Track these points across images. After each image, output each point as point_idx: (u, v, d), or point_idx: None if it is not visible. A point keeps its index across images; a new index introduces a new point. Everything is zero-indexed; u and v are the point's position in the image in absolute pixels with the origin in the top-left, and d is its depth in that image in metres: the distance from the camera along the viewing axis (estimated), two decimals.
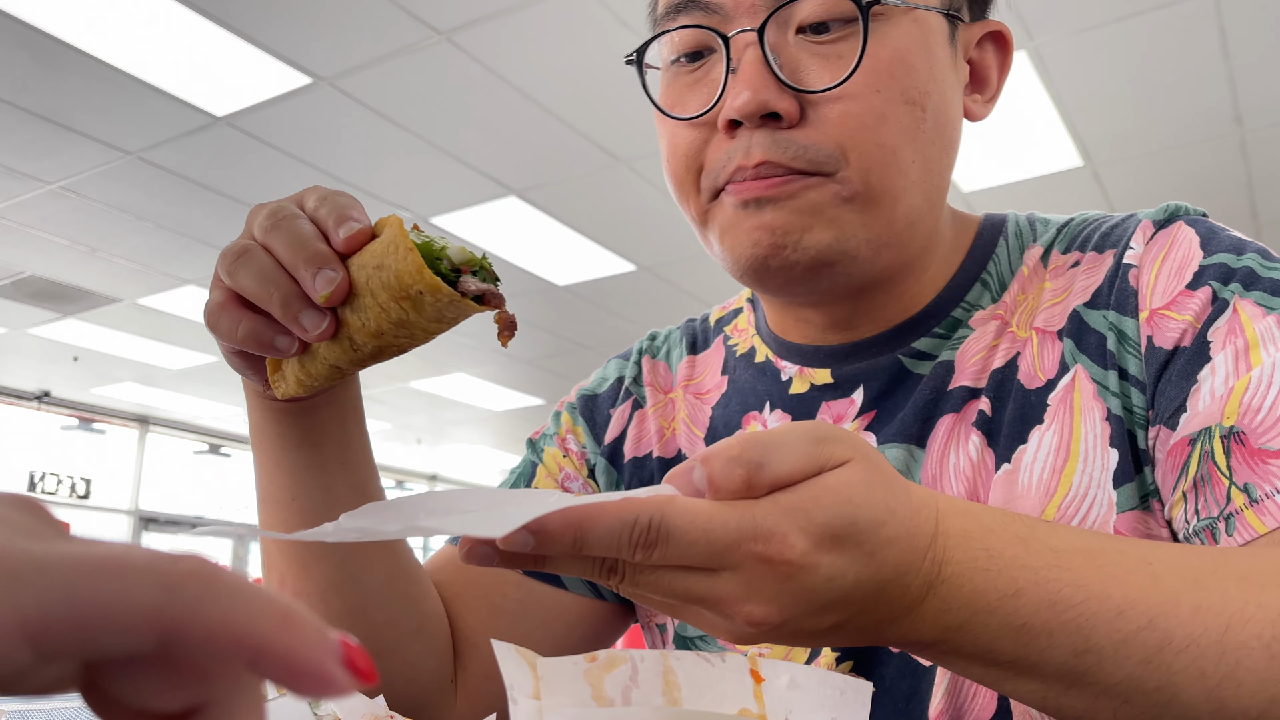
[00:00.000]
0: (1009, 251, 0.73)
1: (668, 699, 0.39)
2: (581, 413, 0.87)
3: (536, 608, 0.76)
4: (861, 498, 0.40)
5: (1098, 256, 0.69)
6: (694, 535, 0.38)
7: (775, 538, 0.38)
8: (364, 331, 0.50)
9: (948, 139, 0.68)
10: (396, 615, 0.68)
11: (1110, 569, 0.45)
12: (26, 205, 4.87)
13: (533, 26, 3.33)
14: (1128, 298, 0.65)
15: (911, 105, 0.64)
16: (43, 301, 6.28)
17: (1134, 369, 0.63)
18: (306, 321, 0.50)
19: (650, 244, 5.17)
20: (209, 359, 7.56)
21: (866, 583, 0.41)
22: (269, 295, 0.50)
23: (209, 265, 5.62)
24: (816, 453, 0.41)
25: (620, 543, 0.38)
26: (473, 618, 0.75)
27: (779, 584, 0.39)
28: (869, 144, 0.63)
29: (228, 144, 4.22)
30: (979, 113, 0.72)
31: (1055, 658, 0.44)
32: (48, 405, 8.91)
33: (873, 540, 0.41)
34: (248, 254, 0.51)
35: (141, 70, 3.65)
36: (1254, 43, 3.38)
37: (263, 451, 0.64)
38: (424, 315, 0.50)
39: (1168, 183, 4.41)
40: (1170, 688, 0.44)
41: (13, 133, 4.12)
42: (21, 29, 3.40)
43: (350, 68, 3.62)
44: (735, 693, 0.39)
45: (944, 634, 0.44)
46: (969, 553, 0.44)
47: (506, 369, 7.69)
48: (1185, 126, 3.93)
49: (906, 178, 0.65)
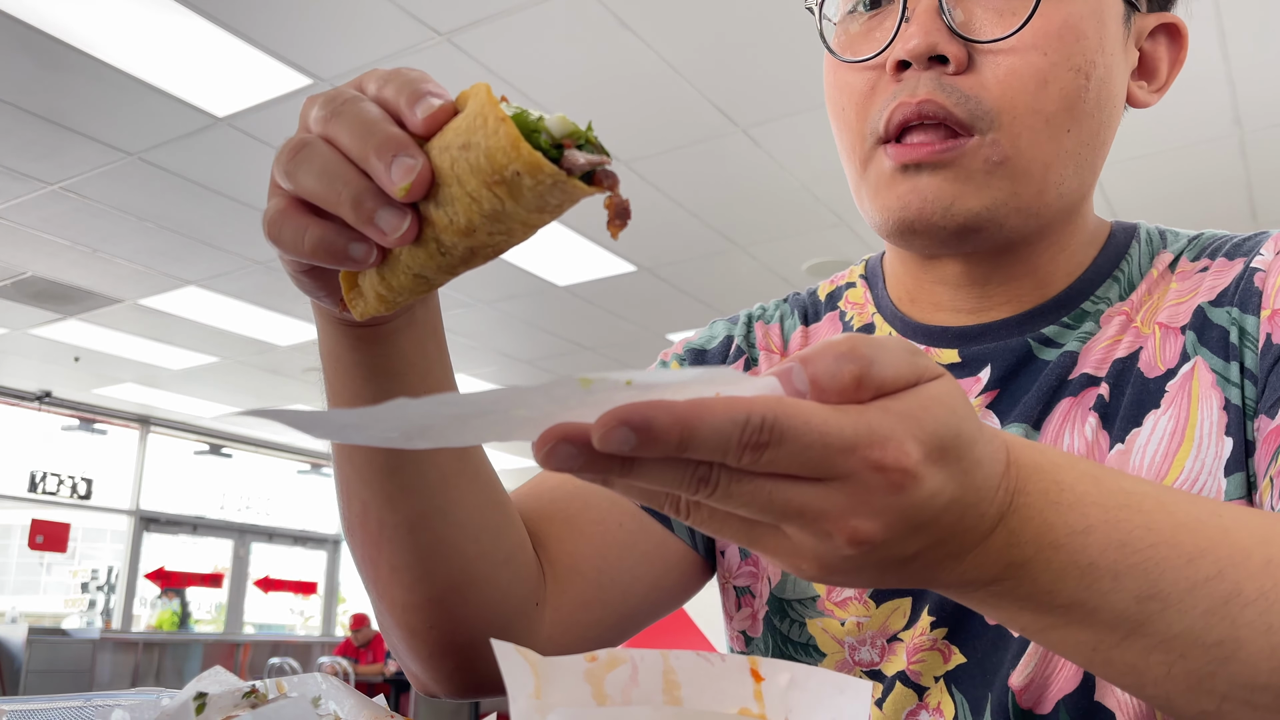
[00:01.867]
0: (1140, 254, 0.75)
1: (668, 699, 0.39)
2: (690, 365, 0.85)
3: (646, 542, 0.76)
4: (963, 411, 0.38)
5: (1227, 263, 0.70)
6: (810, 438, 0.34)
7: (892, 444, 0.35)
8: (452, 229, 0.42)
9: (1107, 116, 0.68)
10: (487, 548, 0.66)
11: (1182, 516, 0.44)
12: (27, 206, 4.87)
13: (533, 27, 3.33)
14: (1251, 296, 0.66)
15: (1076, 73, 0.65)
16: (44, 302, 6.28)
17: (1250, 363, 0.64)
18: (384, 222, 0.42)
19: (650, 244, 5.17)
20: (209, 359, 7.56)
21: (956, 504, 0.38)
22: (337, 195, 0.43)
23: (210, 265, 5.63)
24: (915, 362, 0.38)
25: (729, 443, 0.34)
26: (585, 544, 0.74)
27: (889, 496, 0.36)
28: (1027, 106, 0.65)
29: (228, 144, 4.22)
30: (1144, 100, 0.73)
31: (1117, 602, 0.42)
32: (49, 405, 8.92)
33: (969, 457, 0.38)
34: (307, 149, 0.44)
35: (142, 71, 3.66)
36: (1254, 43, 3.38)
37: (337, 381, 0.58)
38: (522, 203, 0.41)
39: (1167, 183, 4.42)
40: (1233, 642, 0.42)
41: (13, 133, 4.13)
42: (22, 30, 3.41)
43: (350, 69, 3.62)
44: (735, 693, 0.39)
45: (1006, 571, 0.42)
46: (1041, 484, 0.42)
47: (506, 369, 7.69)
48: (1185, 127, 3.93)
49: (1060, 146, 0.66)
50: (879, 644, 0.70)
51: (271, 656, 9.54)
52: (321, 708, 0.53)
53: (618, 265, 5.46)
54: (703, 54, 3.45)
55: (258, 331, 6.86)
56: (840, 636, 0.71)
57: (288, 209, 0.45)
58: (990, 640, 0.67)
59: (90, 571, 9.74)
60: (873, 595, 0.70)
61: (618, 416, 0.32)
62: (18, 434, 8.89)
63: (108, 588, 9.61)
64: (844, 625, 0.71)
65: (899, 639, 0.70)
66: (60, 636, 8.32)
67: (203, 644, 9.57)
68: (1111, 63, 0.68)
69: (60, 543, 8.80)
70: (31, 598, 9.89)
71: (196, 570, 10.03)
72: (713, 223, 4.90)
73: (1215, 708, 0.43)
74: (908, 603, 0.70)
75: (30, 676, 7.80)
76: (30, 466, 8.96)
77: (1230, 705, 0.43)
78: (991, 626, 0.67)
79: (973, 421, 0.39)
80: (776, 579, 0.75)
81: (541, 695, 0.36)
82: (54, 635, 8.29)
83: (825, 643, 0.72)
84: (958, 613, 0.68)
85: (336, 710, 0.52)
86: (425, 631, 0.66)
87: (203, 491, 10.38)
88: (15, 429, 8.88)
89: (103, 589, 9.62)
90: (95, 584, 9.66)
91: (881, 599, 0.70)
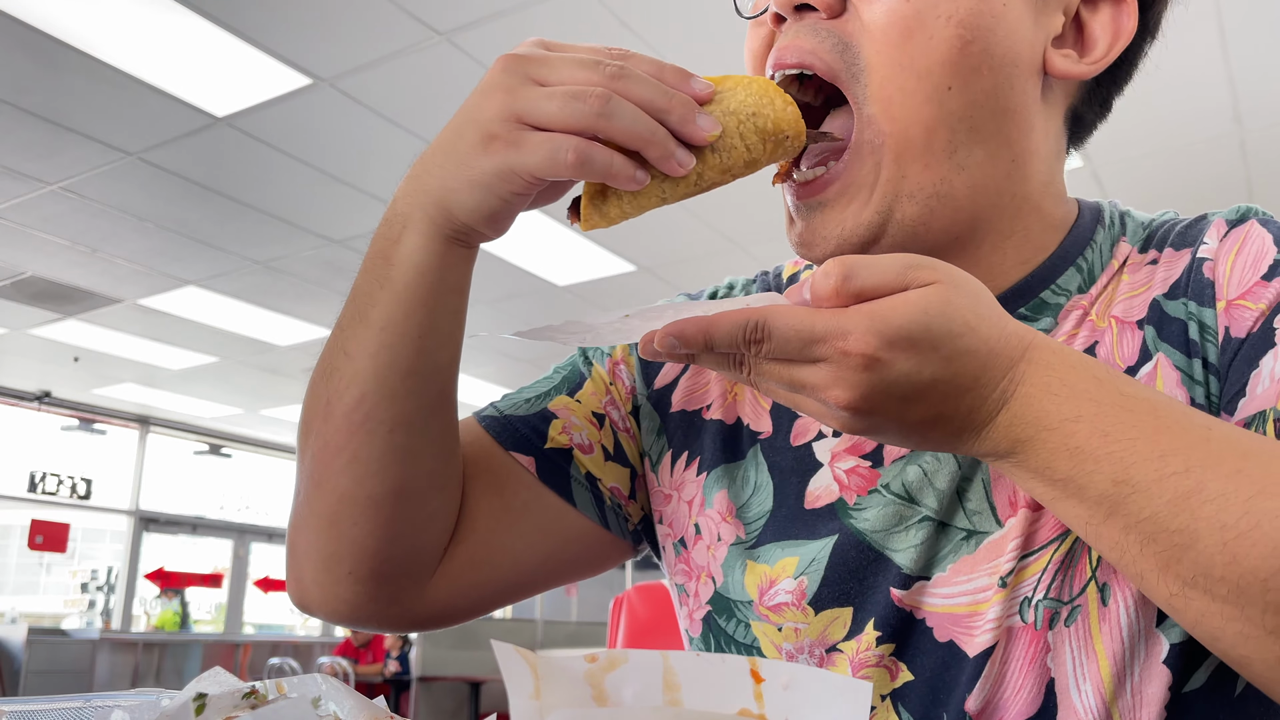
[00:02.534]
0: (1102, 242, 0.71)
1: (668, 699, 0.39)
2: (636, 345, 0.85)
3: (542, 514, 0.76)
4: (936, 310, 0.48)
5: (1174, 254, 0.68)
6: (789, 333, 0.48)
7: (853, 336, 0.47)
8: (718, 169, 0.58)
9: (1004, 79, 0.63)
10: (440, 466, 0.69)
11: (1168, 421, 0.49)
12: (27, 206, 4.88)
13: (533, 27, 3.34)
14: (1204, 288, 0.64)
15: (948, 22, 0.61)
16: (43, 302, 6.28)
17: (1213, 357, 0.63)
18: (681, 158, 0.56)
19: (650, 244, 5.17)
20: (209, 359, 7.57)
21: (943, 384, 0.49)
22: (649, 136, 0.55)
23: (210, 265, 5.63)
24: (905, 273, 0.49)
25: (736, 340, 0.49)
26: (483, 503, 0.75)
27: (858, 373, 0.48)
28: (893, 60, 0.61)
29: (228, 144, 4.22)
30: (1071, 70, 0.66)
31: (1098, 482, 0.48)
32: (48, 406, 8.92)
33: (948, 347, 0.48)
34: (615, 103, 0.55)
35: (142, 71, 3.66)
36: (1254, 43, 3.38)
37: (412, 294, 0.63)
38: (769, 158, 0.59)
39: (1168, 183, 4.42)
40: (1191, 532, 0.46)
41: (13, 133, 4.13)
42: (22, 29, 3.41)
43: (350, 68, 3.62)
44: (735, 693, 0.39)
45: (1015, 446, 0.51)
46: (1044, 379, 0.50)
47: (506, 369, 7.69)
48: (1185, 126, 3.93)
49: (941, 107, 0.62)
50: (818, 653, 0.68)
51: (271, 657, 9.54)
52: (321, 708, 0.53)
53: (618, 265, 5.47)
54: (703, 54, 3.45)
55: (257, 331, 6.86)
56: (779, 642, 0.70)
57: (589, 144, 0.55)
58: (940, 659, 0.64)
59: (90, 572, 9.75)
60: (811, 603, 0.68)
61: (666, 330, 0.50)
62: (17, 434, 8.90)
63: (107, 588, 9.62)
64: (781, 631, 0.69)
65: (839, 650, 0.67)
66: (60, 637, 8.32)
67: (202, 644, 9.57)
68: (1009, 20, 0.63)
69: (60, 543, 8.80)
70: (31, 598, 9.90)
71: (196, 570, 10.04)
72: (713, 223, 4.91)
73: (1180, 591, 0.48)
74: (848, 613, 0.67)
75: (30, 677, 7.79)
76: (30, 466, 8.97)
77: (1193, 593, 0.47)
78: (941, 645, 0.65)
79: (956, 320, 0.48)
80: (720, 579, 0.73)
81: (541, 695, 0.36)
82: (54, 635, 8.29)
83: (766, 647, 0.70)
84: (905, 629, 0.66)
85: (336, 711, 0.52)
86: (347, 528, 0.67)
87: (202, 491, 10.38)
88: (15, 429, 8.89)
89: (102, 589, 9.63)
90: (95, 584, 9.67)
91: (820, 607, 0.68)
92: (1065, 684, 0.61)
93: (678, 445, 0.79)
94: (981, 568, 0.63)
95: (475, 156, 0.57)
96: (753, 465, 0.75)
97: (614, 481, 0.79)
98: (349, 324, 0.65)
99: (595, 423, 0.79)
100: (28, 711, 0.64)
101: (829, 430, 0.72)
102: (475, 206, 0.59)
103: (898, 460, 0.68)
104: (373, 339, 0.64)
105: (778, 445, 0.74)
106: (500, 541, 0.75)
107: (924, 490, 0.66)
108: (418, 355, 0.64)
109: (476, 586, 0.75)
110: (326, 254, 5.46)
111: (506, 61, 0.58)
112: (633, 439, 0.81)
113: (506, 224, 0.62)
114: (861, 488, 0.69)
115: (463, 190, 0.59)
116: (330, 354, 0.67)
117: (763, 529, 0.72)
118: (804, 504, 0.71)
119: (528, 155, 0.56)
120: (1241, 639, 0.46)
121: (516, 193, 0.58)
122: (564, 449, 0.77)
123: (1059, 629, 0.61)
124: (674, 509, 0.78)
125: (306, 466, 0.68)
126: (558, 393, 0.80)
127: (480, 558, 0.74)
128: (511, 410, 0.79)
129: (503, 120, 0.56)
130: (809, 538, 0.69)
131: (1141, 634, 0.60)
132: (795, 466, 0.72)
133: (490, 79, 0.58)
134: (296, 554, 0.71)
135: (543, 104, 0.55)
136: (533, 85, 0.56)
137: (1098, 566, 0.61)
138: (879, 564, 0.67)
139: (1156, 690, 0.60)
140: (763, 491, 0.73)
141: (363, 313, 0.64)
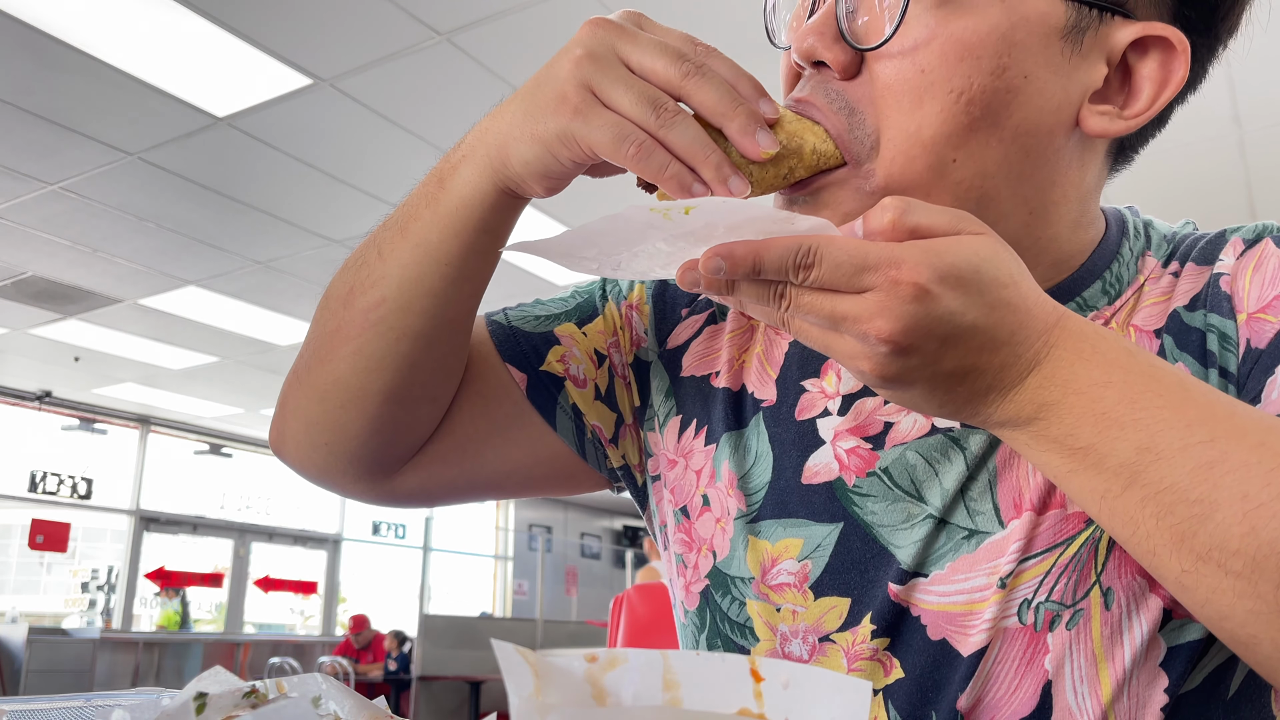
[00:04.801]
0: (1128, 256, 0.70)
1: (668, 699, 0.39)
2: (654, 297, 0.83)
3: (521, 430, 0.78)
4: (989, 255, 0.49)
5: (1196, 268, 0.68)
6: (841, 259, 0.47)
7: (907, 265, 0.47)
8: (771, 180, 0.59)
9: (1020, 150, 0.60)
10: (437, 382, 0.73)
11: (1196, 395, 0.49)
12: (27, 206, 4.88)
13: (533, 27, 3.34)
14: (1222, 301, 0.65)
15: (956, 96, 0.58)
16: (44, 302, 6.28)
17: (1232, 367, 0.63)
18: (733, 185, 0.55)
19: None
20: (209, 359, 7.57)
21: (982, 332, 0.49)
22: (705, 156, 0.55)
23: (209, 265, 5.63)
24: (958, 219, 0.50)
25: (786, 265, 0.48)
26: (468, 403, 0.77)
27: (906, 304, 0.47)
28: (901, 127, 0.59)
29: (228, 144, 4.22)
30: (1108, 129, 0.62)
31: (1121, 449, 0.48)
32: (49, 405, 8.92)
33: (993, 294, 0.49)
34: (681, 118, 0.55)
35: (142, 71, 3.66)
36: (1254, 43, 3.38)
37: (451, 223, 0.65)
38: (795, 178, 0.61)
39: (1167, 183, 4.42)
40: (1211, 502, 0.46)
41: (13, 133, 4.13)
42: (22, 29, 3.41)
43: (350, 68, 3.62)
44: (735, 693, 0.39)
45: (1040, 410, 0.50)
46: (1077, 345, 0.50)
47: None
48: (1185, 126, 3.93)
49: (945, 177, 0.60)
50: (810, 640, 0.68)
51: (271, 656, 9.55)
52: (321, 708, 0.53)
53: None
54: None
55: (257, 331, 6.87)
56: (774, 623, 0.70)
57: (654, 142, 0.56)
58: (931, 658, 0.64)
59: (90, 571, 9.74)
60: (813, 587, 0.68)
61: (714, 250, 0.49)
62: (18, 434, 8.90)
63: (108, 587, 9.62)
64: (779, 611, 0.69)
65: (832, 640, 0.67)
66: (60, 636, 8.32)
67: (203, 644, 9.57)
68: (1027, 92, 0.59)
69: (60, 542, 8.80)
70: (31, 597, 9.90)
71: (196, 570, 10.04)
72: None
73: (1193, 567, 0.47)
74: (845, 604, 0.67)
75: (30, 676, 7.80)
76: (30, 466, 8.97)
77: (1205, 568, 0.47)
78: (933, 643, 0.64)
79: (1003, 270, 0.49)
80: (723, 553, 0.74)
81: (541, 695, 0.36)
82: (54, 635, 8.29)
83: (760, 628, 0.70)
84: (900, 624, 0.66)
85: (336, 710, 0.52)
86: (334, 408, 0.70)
87: (203, 491, 10.38)
88: (15, 429, 8.89)
89: (103, 589, 9.63)
90: (95, 584, 9.67)
91: (820, 593, 0.68)
92: (1062, 686, 0.62)
93: (687, 411, 0.79)
94: (980, 567, 0.64)
95: (544, 112, 0.58)
96: (755, 434, 0.75)
97: (597, 420, 0.80)
98: (391, 227, 0.68)
99: (595, 360, 0.81)
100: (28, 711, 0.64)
101: (834, 408, 0.72)
102: (530, 160, 0.60)
103: (897, 445, 0.68)
104: (406, 251, 0.66)
105: (781, 416, 0.74)
106: (476, 446, 0.78)
107: (930, 487, 0.66)
108: (442, 280, 0.66)
109: (445, 479, 0.79)
110: (326, 254, 5.46)
111: (595, 26, 0.59)
112: (628, 388, 0.82)
113: (559, 186, 0.63)
114: (860, 469, 0.69)
115: (524, 141, 0.60)
116: (367, 246, 0.69)
117: (762, 502, 0.72)
118: (801, 478, 0.71)
119: (594, 129, 0.56)
120: (1252, 616, 0.46)
121: (574, 159, 0.59)
122: (558, 377, 0.79)
123: (1059, 631, 0.62)
124: (679, 475, 0.78)
125: (315, 337, 0.72)
126: (568, 319, 0.82)
127: (454, 456, 0.77)
128: (519, 323, 0.81)
129: (577, 85, 0.57)
130: (810, 518, 0.70)
131: (1143, 638, 0.61)
132: (796, 440, 0.72)
133: (578, 39, 0.59)
134: (285, 409, 0.75)
135: (619, 89, 0.56)
136: (615, 60, 0.57)
137: (1103, 571, 0.62)
138: (881, 558, 0.67)
139: (1154, 693, 0.61)
140: (763, 462, 0.73)
141: (404, 223, 0.67)
